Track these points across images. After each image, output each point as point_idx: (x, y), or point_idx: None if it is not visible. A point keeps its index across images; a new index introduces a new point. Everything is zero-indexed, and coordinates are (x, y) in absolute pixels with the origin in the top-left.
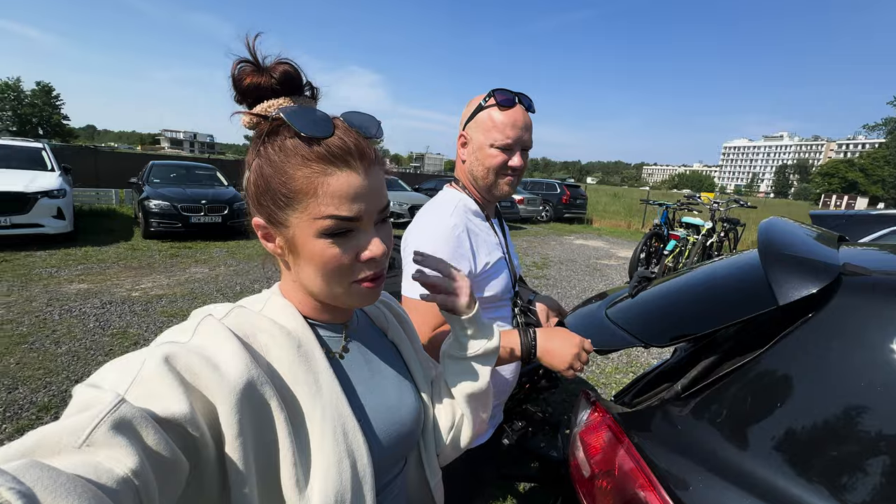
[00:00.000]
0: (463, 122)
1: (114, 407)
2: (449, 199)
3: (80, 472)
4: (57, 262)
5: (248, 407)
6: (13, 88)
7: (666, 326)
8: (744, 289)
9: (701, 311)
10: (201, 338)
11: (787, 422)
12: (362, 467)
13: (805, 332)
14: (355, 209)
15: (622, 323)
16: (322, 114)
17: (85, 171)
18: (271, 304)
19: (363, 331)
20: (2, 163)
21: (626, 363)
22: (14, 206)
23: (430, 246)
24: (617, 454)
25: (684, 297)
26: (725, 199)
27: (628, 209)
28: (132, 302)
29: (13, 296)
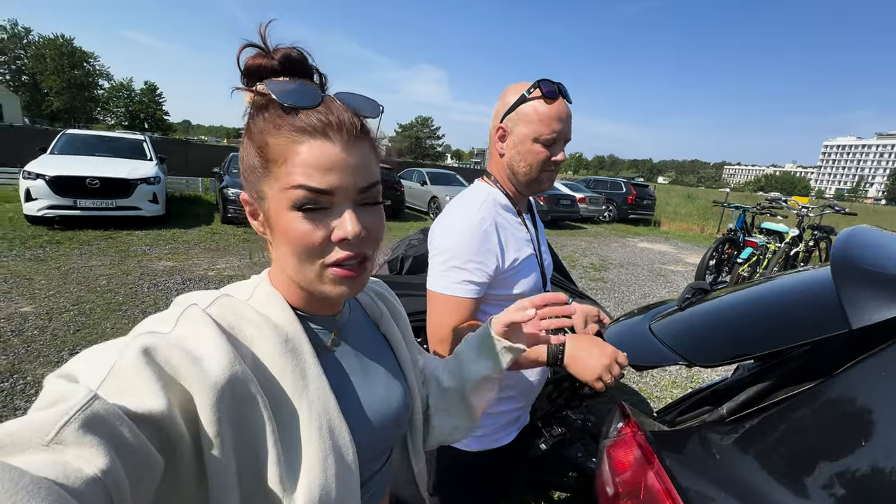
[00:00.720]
0: (500, 114)
1: (85, 403)
2: (478, 193)
3: (46, 473)
4: (150, 241)
5: (230, 403)
6: (126, 88)
7: (716, 345)
8: (812, 308)
9: (758, 330)
10: (183, 328)
11: (850, 463)
12: (348, 463)
13: (883, 360)
14: (327, 181)
15: (666, 338)
16: (311, 90)
17: (177, 161)
18: (259, 292)
19: (355, 323)
20: (111, 152)
21: (687, 377)
22: (119, 190)
23: (456, 239)
24: (645, 475)
25: (740, 314)
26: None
27: (702, 212)
28: (207, 280)
29: (114, 269)
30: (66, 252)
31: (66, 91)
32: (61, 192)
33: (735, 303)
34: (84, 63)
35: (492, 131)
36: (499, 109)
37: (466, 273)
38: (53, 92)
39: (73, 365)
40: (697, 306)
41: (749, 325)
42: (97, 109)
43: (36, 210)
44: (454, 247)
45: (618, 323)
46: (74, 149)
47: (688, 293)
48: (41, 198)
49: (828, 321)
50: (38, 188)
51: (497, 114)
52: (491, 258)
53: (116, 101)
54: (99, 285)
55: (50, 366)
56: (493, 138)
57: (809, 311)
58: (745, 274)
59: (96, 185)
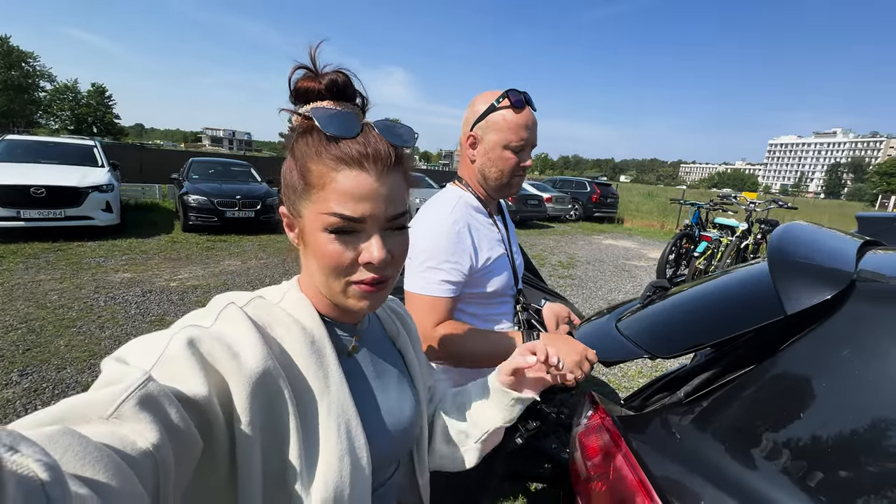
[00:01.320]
0: (471, 122)
1: (141, 383)
2: (450, 197)
3: (107, 442)
4: (104, 252)
5: (262, 395)
6: (71, 90)
7: (674, 337)
8: (753, 298)
9: (708, 321)
10: (223, 324)
11: (792, 433)
12: (363, 464)
13: (814, 339)
14: (360, 210)
15: (630, 334)
16: (352, 118)
17: (131, 167)
18: (289, 296)
19: (373, 334)
20: (58, 159)
21: (651, 367)
22: (68, 199)
23: (432, 241)
24: (613, 458)
25: (693, 308)
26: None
27: (662, 209)
28: (170, 291)
29: (65, 283)
30: (10, 267)
31: (3, 93)
32: (2, 202)
33: (689, 299)
34: (22, 63)
35: (462, 138)
36: (468, 117)
37: (443, 273)
38: None
39: (125, 351)
40: (657, 303)
41: (701, 318)
42: (39, 113)
43: None
44: (430, 249)
45: (588, 322)
46: (16, 156)
47: (648, 291)
48: None
49: (768, 309)
50: None
51: (467, 121)
52: (465, 258)
53: (60, 104)
54: (49, 301)
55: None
56: (465, 145)
57: (752, 302)
58: (701, 266)
59: (42, 194)
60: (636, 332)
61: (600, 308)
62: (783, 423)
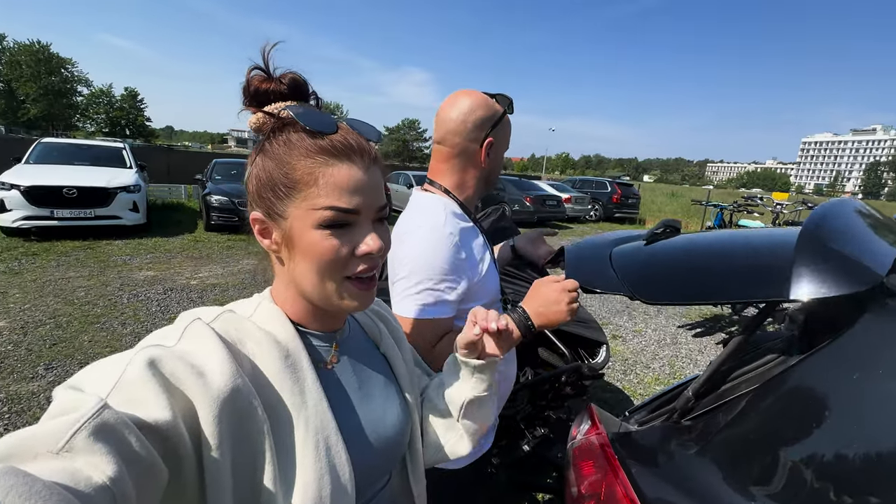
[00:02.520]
0: (487, 126)
1: (95, 412)
2: (436, 206)
3: (58, 479)
4: (130, 250)
5: (231, 417)
6: (106, 94)
7: (663, 284)
8: (765, 268)
9: (707, 279)
10: (188, 342)
11: (804, 464)
12: (344, 482)
13: (828, 355)
14: (355, 202)
15: (620, 267)
16: (328, 115)
17: (159, 169)
18: (261, 309)
19: (354, 341)
20: (90, 161)
21: (669, 374)
22: (98, 199)
23: (426, 259)
24: (606, 478)
25: (697, 259)
26: (792, 201)
27: (685, 210)
28: (190, 290)
29: (92, 280)
30: (43, 264)
31: (44, 98)
32: (37, 202)
33: (696, 247)
34: (62, 69)
35: (468, 145)
36: (480, 121)
37: (439, 293)
38: (30, 99)
39: (81, 377)
40: (662, 242)
41: (701, 272)
42: (76, 116)
43: (11, 221)
44: (425, 267)
45: (585, 241)
46: (51, 158)
47: (658, 228)
48: (16, 209)
49: (774, 286)
50: (13, 199)
51: (481, 127)
52: (463, 274)
53: (96, 108)
54: (77, 297)
55: (25, 382)
56: (476, 153)
57: (761, 272)
58: None
59: (74, 194)
60: (626, 267)
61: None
62: (795, 448)
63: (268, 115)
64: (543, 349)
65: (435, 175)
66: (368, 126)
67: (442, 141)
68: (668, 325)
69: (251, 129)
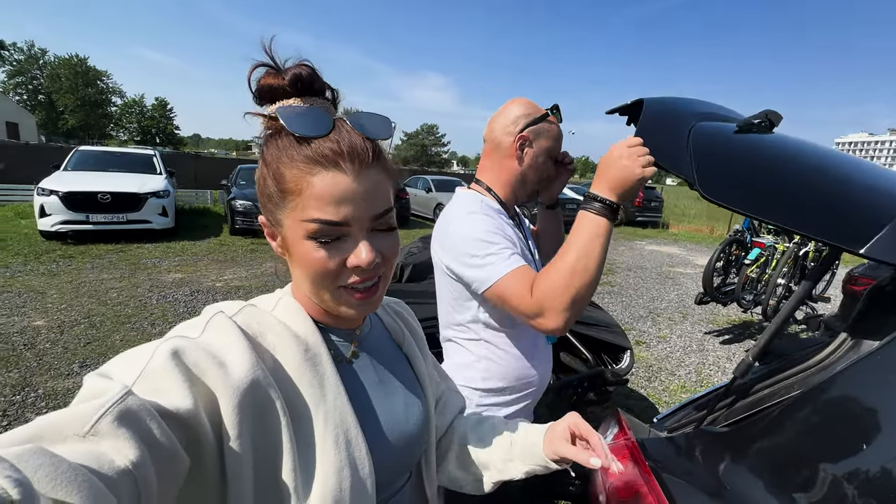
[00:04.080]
0: (520, 123)
1: (120, 398)
2: (472, 199)
3: (83, 461)
4: (160, 253)
5: (251, 407)
6: (138, 104)
7: (733, 182)
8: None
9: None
10: (211, 334)
11: (844, 475)
12: (363, 476)
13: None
14: (342, 213)
15: (697, 146)
16: (322, 114)
17: (186, 175)
18: (282, 304)
19: (376, 339)
20: (122, 168)
21: (696, 382)
22: (130, 204)
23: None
24: (636, 483)
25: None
26: None
27: (712, 213)
28: (215, 291)
29: (124, 281)
30: (79, 266)
31: (81, 109)
32: (74, 207)
33: (792, 154)
34: (97, 81)
35: (503, 139)
36: (513, 119)
37: (506, 250)
38: (68, 110)
39: (110, 366)
40: (756, 134)
41: (783, 183)
42: (110, 126)
43: (50, 225)
44: (481, 239)
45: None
46: (87, 165)
47: (759, 118)
48: (55, 213)
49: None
50: (52, 204)
51: (513, 122)
52: (512, 243)
53: (129, 117)
54: (109, 298)
55: (61, 378)
56: (509, 146)
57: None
58: (753, 275)
59: (108, 199)
60: (704, 148)
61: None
62: (835, 462)
63: (263, 117)
64: (566, 354)
65: (479, 172)
66: (378, 119)
67: (486, 137)
68: (695, 331)
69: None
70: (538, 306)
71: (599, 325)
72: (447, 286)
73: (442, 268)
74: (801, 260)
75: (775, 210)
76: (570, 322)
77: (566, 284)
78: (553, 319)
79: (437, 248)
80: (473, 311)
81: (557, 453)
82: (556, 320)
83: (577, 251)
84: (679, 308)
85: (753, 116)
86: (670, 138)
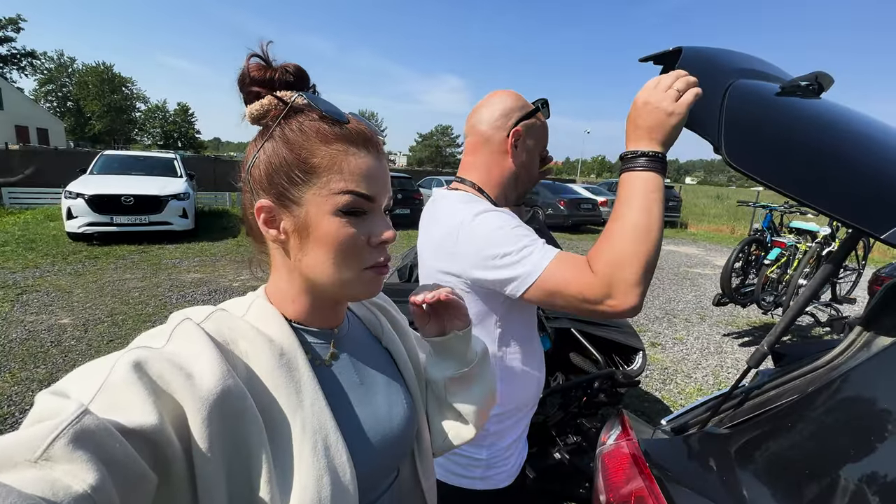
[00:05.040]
0: (514, 116)
1: (75, 418)
2: (470, 199)
3: (34, 490)
4: (180, 254)
5: (222, 419)
6: (161, 109)
7: (763, 151)
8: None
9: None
10: (176, 343)
11: (851, 478)
12: (345, 483)
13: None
14: (373, 189)
15: (732, 107)
16: (337, 106)
17: (206, 177)
18: (255, 307)
19: (355, 337)
20: (145, 171)
21: (713, 385)
22: (152, 206)
23: (504, 230)
24: (636, 485)
25: (824, 139)
26: None
27: (732, 212)
28: (233, 291)
29: (146, 281)
30: (103, 266)
31: (107, 115)
32: (99, 209)
33: (830, 123)
34: (122, 87)
35: (494, 133)
36: (506, 112)
37: (539, 240)
38: (95, 116)
39: (66, 382)
40: (798, 99)
41: (809, 154)
42: (135, 131)
43: (76, 227)
44: (507, 234)
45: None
46: (111, 168)
47: (808, 80)
48: (81, 215)
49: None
50: (78, 206)
51: (506, 114)
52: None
53: (152, 123)
54: (132, 297)
55: None
56: (502, 141)
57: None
58: (773, 276)
59: (131, 202)
60: (740, 109)
61: (657, 315)
62: (846, 462)
63: (279, 100)
64: (575, 354)
65: (463, 170)
66: (370, 123)
67: (470, 131)
68: (712, 333)
69: (251, 116)
70: (606, 285)
71: (610, 325)
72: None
73: (447, 281)
74: (825, 260)
75: (795, 182)
76: (643, 297)
77: (634, 251)
78: (627, 296)
79: (439, 261)
80: (491, 327)
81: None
82: (630, 297)
83: (636, 213)
84: (696, 309)
85: (801, 77)
86: (704, 95)
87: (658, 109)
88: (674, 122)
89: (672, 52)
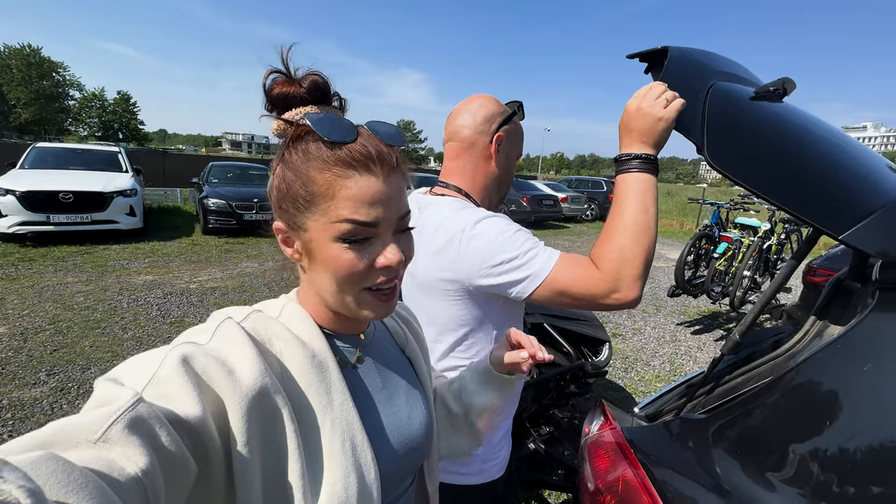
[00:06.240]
0: (496, 120)
1: (131, 405)
2: (467, 205)
3: (93, 467)
4: (128, 255)
5: (259, 414)
6: (99, 98)
7: (739, 152)
8: (843, 194)
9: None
10: (219, 340)
11: (819, 452)
12: (370, 482)
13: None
14: (373, 214)
15: (713, 109)
16: (347, 121)
17: (154, 172)
18: (287, 310)
19: (380, 344)
20: (85, 165)
21: (669, 371)
22: (94, 204)
23: (507, 234)
24: (623, 471)
25: (789, 143)
26: None
27: (681, 208)
28: (189, 293)
29: (91, 285)
30: (40, 269)
31: (35, 102)
32: (33, 207)
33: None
34: (53, 73)
35: (479, 138)
36: (489, 117)
37: (541, 242)
38: (21, 104)
39: (121, 369)
40: (767, 104)
41: (777, 159)
42: (68, 120)
43: (6, 227)
44: (512, 238)
45: (696, 54)
46: (46, 163)
47: (774, 85)
48: (11, 214)
49: (835, 214)
50: (9, 204)
51: (488, 119)
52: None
53: (89, 112)
54: (76, 303)
55: (27, 388)
56: (485, 147)
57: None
58: (721, 268)
59: (70, 199)
60: (720, 112)
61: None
62: (810, 440)
63: (287, 122)
64: (548, 347)
65: (447, 175)
66: (391, 128)
67: (452, 136)
68: (667, 322)
69: (274, 135)
70: (612, 280)
71: (579, 319)
72: (456, 309)
73: (447, 288)
74: (765, 253)
75: (767, 185)
76: (643, 289)
77: (636, 248)
78: (631, 289)
79: (439, 270)
80: (488, 329)
81: (502, 362)
82: (634, 290)
83: (634, 211)
84: (653, 300)
85: (771, 83)
86: (689, 95)
87: (649, 115)
88: (663, 127)
89: (658, 52)
